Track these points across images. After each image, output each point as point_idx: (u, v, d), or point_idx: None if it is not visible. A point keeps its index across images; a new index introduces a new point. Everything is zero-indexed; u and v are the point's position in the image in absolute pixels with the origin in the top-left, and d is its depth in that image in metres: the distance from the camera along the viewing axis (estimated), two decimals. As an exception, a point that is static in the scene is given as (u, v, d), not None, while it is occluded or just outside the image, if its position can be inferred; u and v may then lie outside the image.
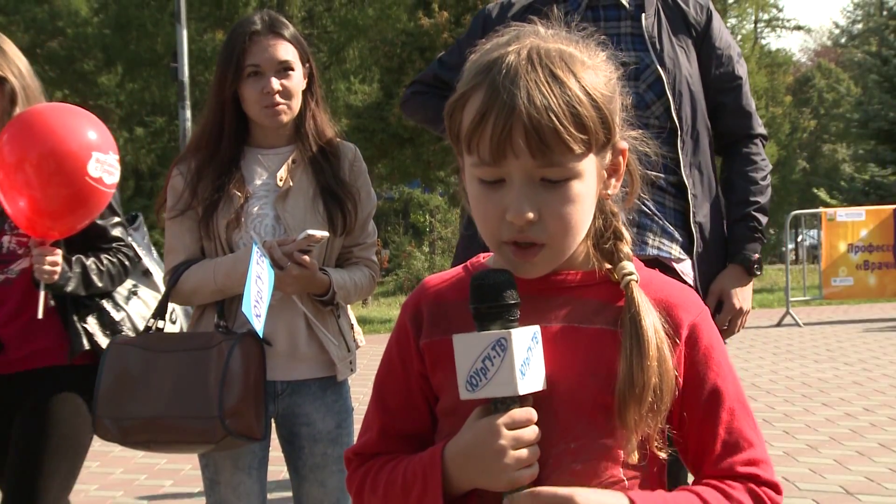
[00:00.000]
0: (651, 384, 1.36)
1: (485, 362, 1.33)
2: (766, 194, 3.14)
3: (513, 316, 1.36)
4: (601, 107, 1.38)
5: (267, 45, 2.89)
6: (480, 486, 1.37)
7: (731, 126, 3.17)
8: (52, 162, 2.90)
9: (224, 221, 2.87)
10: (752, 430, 1.45)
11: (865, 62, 26.24)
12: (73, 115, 3.01)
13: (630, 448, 1.38)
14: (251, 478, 2.91)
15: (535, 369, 1.35)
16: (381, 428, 1.53)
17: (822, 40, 57.83)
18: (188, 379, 2.71)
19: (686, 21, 3.09)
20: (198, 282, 2.86)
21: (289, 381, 2.93)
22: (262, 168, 2.95)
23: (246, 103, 2.91)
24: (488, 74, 1.37)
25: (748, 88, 3.18)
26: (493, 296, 1.35)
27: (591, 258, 1.47)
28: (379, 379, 1.56)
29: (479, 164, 1.38)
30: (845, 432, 6.72)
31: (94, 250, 3.17)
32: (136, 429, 2.75)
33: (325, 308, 2.93)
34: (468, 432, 1.37)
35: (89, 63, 28.40)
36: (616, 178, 1.46)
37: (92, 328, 3.13)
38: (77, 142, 2.93)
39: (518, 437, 1.34)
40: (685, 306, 1.45)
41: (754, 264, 3.09)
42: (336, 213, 2.93)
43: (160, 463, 6.61)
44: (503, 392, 1.33)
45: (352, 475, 1.54)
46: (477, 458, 1.36)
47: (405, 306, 1.54)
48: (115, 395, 2.77)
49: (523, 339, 1.34)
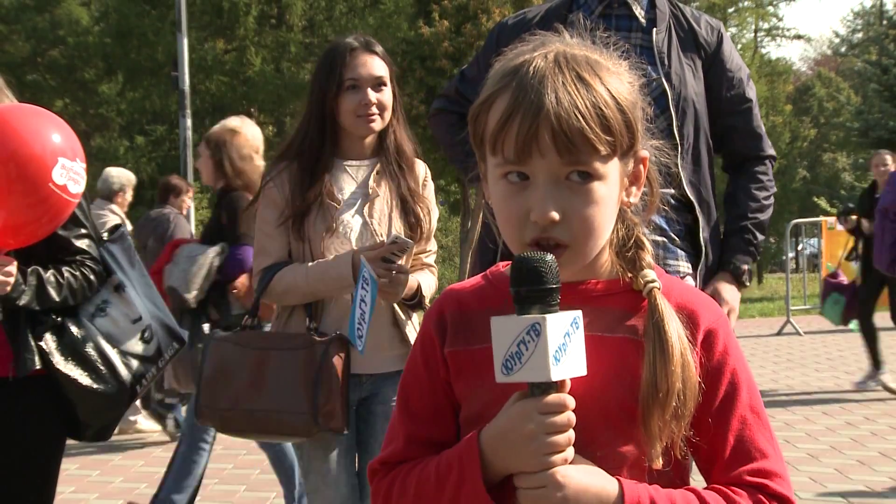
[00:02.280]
0: (675, 390, 1.36)
1: (520, 346, 1.32)
2: (765, 213, 3.17)
3: (553, 300, 1.33)
4: (626, 111, 1.39)
5: (364, 61, 3.15)
6: (514, 470, 1.36)
7: (740, 148, 3.19)
8: (13, 167, 2.69)
9: (318, 228, 3.08)
10: (767, 440, 1.45)
11: (865, 71, 26.27)
12: (37, 117, 2.81)
13: (654, 454, 1.38)
14: (339, 466, 3.10)
15: (573, 355, 1.33)
16: (407, 435, 1.51)
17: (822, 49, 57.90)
18: (284, 376, 2.96)
19: (696, 41, 3.10)
20: (289, 284, 3.06)
21: (372, 374, 3.16)
22: (349, 177, 3.18)
23: (342, 114, 3.13)
24: (515, 76, 1.39)
25: (758, 111, 3.20)
26: (533, 279, 1.33)
27: (615, 267, 1.47)
28: (404, 387, 1.55)
29: (503, 164, 1.39)
30: (846, 441, 6.71)
31: (56, 262, 3.00)
32: (234, 419, 3.04)
33: (412, 310, 3.21)
34: (503, 416, 1.37)
35: (90, 72, 28.41)
36: (637, 186, 1.47)
37: (48, 346, 2.95)
38: (42, 146, 2.72)
39: (551, 422, 1.33)
40: (704, 312, 1.46)
41: (743, 275, 3.12)
42: (415, 222, 3.20)
43: (159, 472, 6.60)
44: (537, 377, 1.32)
45: (377, 485, 1.52)
46: (510, 441, 1.35)
47: (429, 314, 1.54)
48: (215, 387, 3.06)
49: (560, 324, 1.32)
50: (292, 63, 27.92)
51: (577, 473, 1.34)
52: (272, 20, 28.49)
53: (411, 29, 21.50)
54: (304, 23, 28.73)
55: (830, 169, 41.42)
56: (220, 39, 27.89)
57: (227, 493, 5.99)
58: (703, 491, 1.41)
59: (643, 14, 3.05)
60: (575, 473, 1.34)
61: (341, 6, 28.16)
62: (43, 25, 28.60)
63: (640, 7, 3.04)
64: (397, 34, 23.00)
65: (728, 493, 1.40)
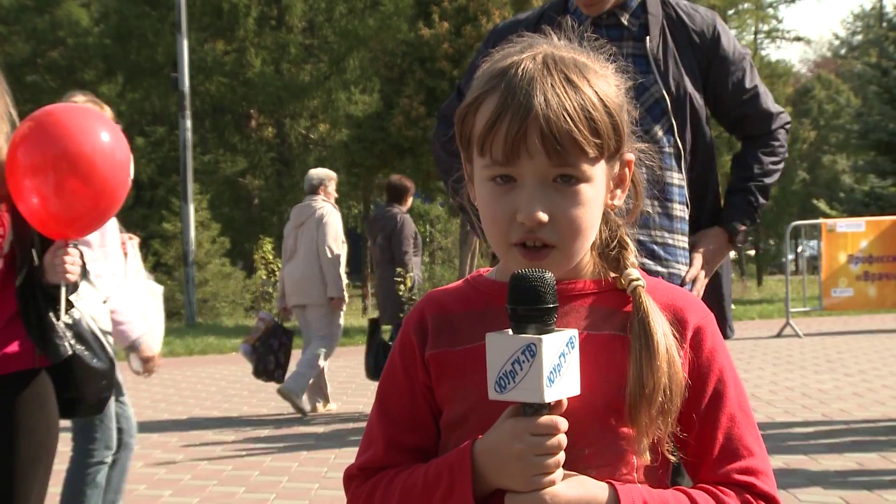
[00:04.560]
0: (661, 385, 1.37)
1: (514, 365, 1.31)
2: (772, 177, 3.12)
3: (550, 320, 1.32)
4: (613, 114, 1.40)
5: None
6: (503, 486, 1.36)
7: (754, 130, 3.16)
8: (103, 165, 2.97)
9: None
10: (754, 439, 1.45)
11: (865, 73, 26.26)
12: (102, 118, 3.13)
13: (641, 450, 1.39)
14: None
15: (567, 376, 1.33)
16: (387, 441, 1.50)
17: (821, 51, 57.98)
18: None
19: (692, 40, 3.06)
20: None
21: None
22: None
23: None
24: (503, 78, 1.39)
25: (763, 89, 3.14)
26: (531, 298, 1.31)
27: (597, 267, 1.48)
28: (382, 391, 1.54)
29: (490, 165, 1.39)
30: (845, 443, 6.71)
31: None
32: None
33: None
34: (495, 431, 1.37)
35: (90, 73, 28.45)
36: (622, 189, 1.48)
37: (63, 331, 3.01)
38: (123, 145, 3.10)
39: (539, 443, 1.32)
40: (690, 310, 1.46)
41: (739, 234, 3.07)
42: None
43: (159, 473, 6.61)
44: (529, 398, 1.31)
45: (356, 491, 1.50)
46: (499, 458, 1.35)
47: (408, 318, 1.53)
48: None
49: (555, 345, 1.31)
50: (292, 64, 27.95)
51: (566, 490, 1.34)
52: (272, 21, 28.52)
53: (411, 30, 21.49)
54: (304, 24, 28.77)
55: (830, 171, 41.43)
56: (220, 41, 27.92)
57: (227, 495, 5.99)
58: (693, 490, 1.41)
59: (632, 22, 3.00)
60: (564, 491, 1.34)
61: (341, 7, 28.20)
62: (43, 26, 28.63)
63: (628, 15, 3.01)
64: (397, 36, 23.03)
65: (717, 493, 1.41)
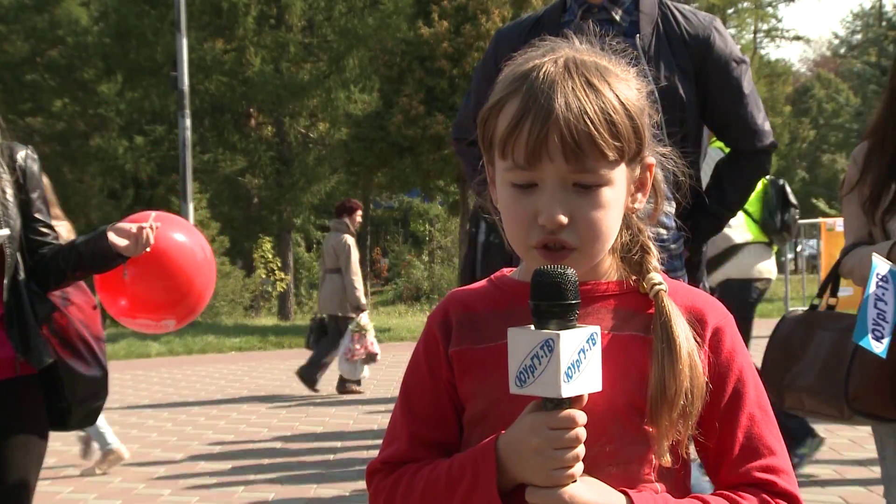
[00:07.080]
0: (683, 389, 1.37)
1: (533, 360, 1.32)
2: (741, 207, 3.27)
3: (572, 315, 1.33)
4: (634, 117, 1.41)
5: None
6: (524, 480, 1.37)
7: (739, 142, 3.19)
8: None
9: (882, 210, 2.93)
10: (775, 437, 1.45)
11: (864, 72, 26.33)
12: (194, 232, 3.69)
13: (662, 451, 1.39)
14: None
15: (588, 372, 1.33)
16: (411, 435, 1.51)
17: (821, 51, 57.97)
18: (831, 359, 2.93)
19: (686, 41, 3.04)
20: (855, 264, 2.90)
21: None
22: None
23: None
24: (525, 81, 1.40)
25: (755, 101, 3.15)
26: (553, 294, 1.33)
27: (619, 271, 1.49)
28: (406, 387, 1.55)
29: (512, 168, 1.40)
30: (844, 443, 6.72)
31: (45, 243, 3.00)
32: (790, 396, 3.05)
33: None
34: (516, 426, 1.38)
35: (89, 71, 28.42)
36: (643, 192, 1.48)
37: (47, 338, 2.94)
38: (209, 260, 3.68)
39: (558, 437, 1.33)
40: (709, 311, 1.47)
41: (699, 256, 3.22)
42: None
43: (159, 471, 6.62)
44: (547, 392, 1.32)
45: (379, 485, 1.51)
46: (519, 452, 1.36)
47: (433, 315, 1.54)
48: (779, 363, 3.09)
49: (574, 340, 1.32)
50: (291, 63, 27.93)
51: (585, 492, 1.35)
52: (271, 20, 28.49)
53: (410, 29, 21.49)
54: (304, 23, 28.74)
55: (829, 170, 41.43)
56: (220, 39, 27.89)
57: (226, 494, 6.00)
58: (711, 497, 1.41)
59: (624, 17, 3.00)
60: (583, 493, 1.34)
61: (341, 6, 28.18)
62: (42, 25, 28.61)
63: (620, 11, 3.00)
64: (396, 34, 23.00)
65: (735, 498, 1.41)
